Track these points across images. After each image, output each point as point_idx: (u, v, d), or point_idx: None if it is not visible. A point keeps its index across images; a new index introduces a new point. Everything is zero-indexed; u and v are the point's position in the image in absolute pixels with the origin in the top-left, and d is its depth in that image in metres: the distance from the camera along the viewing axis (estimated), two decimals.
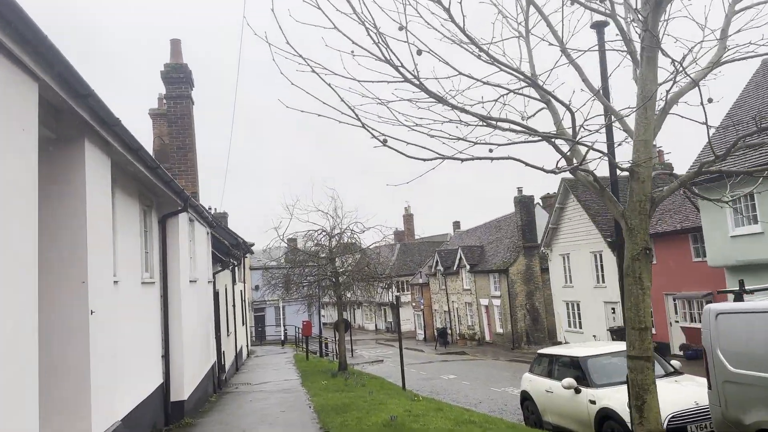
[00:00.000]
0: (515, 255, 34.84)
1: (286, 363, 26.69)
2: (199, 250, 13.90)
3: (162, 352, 10.80)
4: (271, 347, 39.83)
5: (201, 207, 13.41)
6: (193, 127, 14.90)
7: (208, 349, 15.17)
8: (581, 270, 28.09)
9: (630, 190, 5.33)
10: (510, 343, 34.60)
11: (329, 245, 21.75)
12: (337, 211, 21.66)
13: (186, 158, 14.55)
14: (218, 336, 18.22)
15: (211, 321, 15.95)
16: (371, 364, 31.19)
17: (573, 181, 28.14)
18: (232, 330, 23.20)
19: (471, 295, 39.83)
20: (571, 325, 29.44)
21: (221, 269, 17.35)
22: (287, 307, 47.88)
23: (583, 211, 27.23)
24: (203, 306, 14.42)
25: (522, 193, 35.50)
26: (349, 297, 23.31)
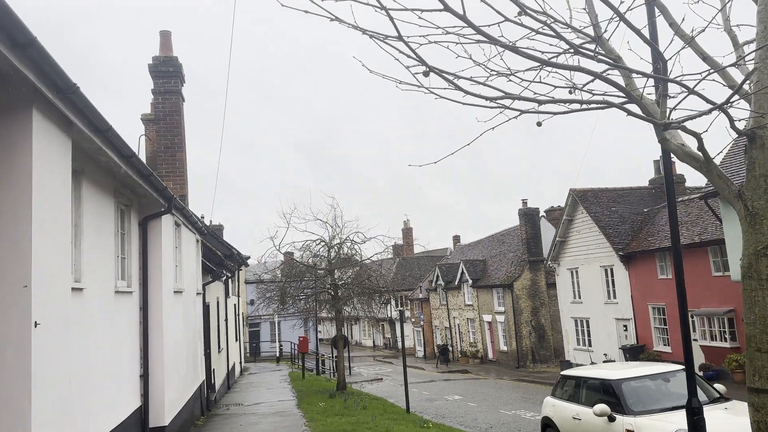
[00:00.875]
0: (520, 269, 33.62)
1: (281, 381, 25.34)
2: (186, 258, 12.69)
3: (140, 372, 9.56)
4: (266, 364, 38.41)
5: (189, 211, 12.22)
6: (182, 126, 13.76)
7: (196, 367, 13.89)
8: (591, 285, 26.89)
9: (749, 163, 3.95)
10: (515, 361, 33.25)
11: (328, 256, 20.54)
12: (337, 221, 20.50)
13: (174, 159, 13.39)
14: (208, 352, 16.94)
15: (199, 336, 14.69)
16: (370, 383, 29.81)
17: (582, 192, 27.07)
18: (224, 346, 21.88)
19: (473, 310, 38.54)
20: (579, 343, 28.16)
21: (212, 280, 16.11)
22: (283, 322, 46.51)
23: (593, 223, 26.09)
24: (190, 320, 13.18)
25: (527, 205, 34.38)
26: (348, 311, 22.03)
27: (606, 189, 27.49)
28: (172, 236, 10.93)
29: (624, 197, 27.24)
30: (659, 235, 23.20)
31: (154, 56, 13.54)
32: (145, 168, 7.99)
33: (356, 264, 21.16)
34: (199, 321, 14.67)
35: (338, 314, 20.55)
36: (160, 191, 9.20)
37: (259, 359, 44.04)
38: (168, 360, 10.14)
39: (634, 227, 25.58)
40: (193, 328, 13.52)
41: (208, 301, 17.38)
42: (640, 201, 27.15)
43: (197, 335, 14.24)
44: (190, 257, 13.35)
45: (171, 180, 13.32)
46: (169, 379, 10.16)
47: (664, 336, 22.98)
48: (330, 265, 20.42)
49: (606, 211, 26.27)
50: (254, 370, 33.45)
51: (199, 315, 14.71)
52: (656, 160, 28.59)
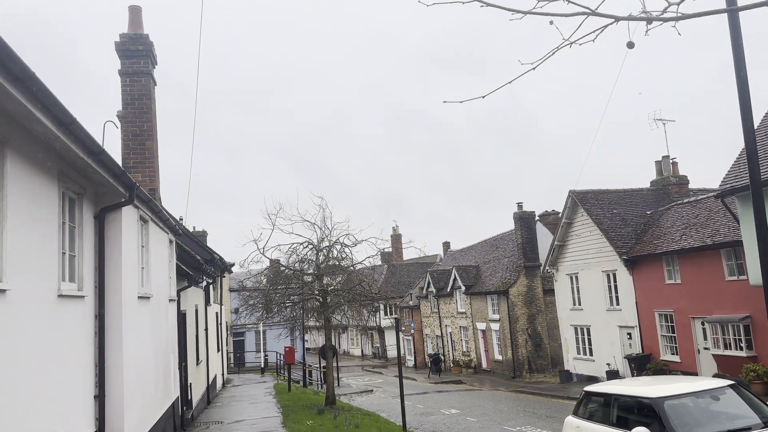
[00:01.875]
0: (516, 275, 32.31)
1: (266, 395, 23.77)
2: (156, 260, 11.19)
3: (95, 392, 8.06)
4: (250, 375, 36.72)
5: (159, 206, 10.74)
6: (153, 112, 12.28)
7: (168, 382, 12.36)
8: (592, 291, 25.62)
9: None
10: (510, 371, 31.88)
11: (316, 260, 19.08)
12: (326, 222, 19.05)
13: (144, 148, 11.91)
14: (184, 365, 15.39)
15: (172, 347, 13.16)
16: (360, 395, 28.28)
17: (582, 193, 25.87)
18: (204, 357, 20.31)
19: (466, 318, 37.16)
20: (580, 351, 26.86)
21: (188, 286, 14.59)
22: (268, 331, 44.77)
23: (594, 226, 24.86)
24: (161, 329, 11.66)
25: (522, 208, 33.13)
26: (338, 320, 20.54)
27: (606, 191, 26.30)
28: (136, 233, 9.45)
29: (625, 199, 26.07)
30: (666, 238, 22.00)
31: (122, 33, 12.09)
32: (94, 143, 6.54)
33: (346, 270, 19.70)
34: (172, 331, 13.16)
35: (327, 322, 19.07)
36: (118, 176, 7.74)
37: (243, 370, 42.30)
38: (129, 377, 8.64)
39: (637, 230, 24.38)
40: (164, 338, 12.00)
41: (184, 309, 15.86)
42: (642, 203, 25.99)
43: (170, 347, 12.71)
44: (160, 259, 11.86)
45: (139, 172, 11.84)
46: (130, 399, 8.66)
47: (672, 344, 21.72)
48: (318, 270, 18.95)
49: (607, 213, 25.06)
50: (238, 381, 31.80)
51: (172, 324, 13.20)
52: (658, 161, 27.49)
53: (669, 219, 23.16)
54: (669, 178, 26.68)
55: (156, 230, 11.24)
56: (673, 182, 26.54)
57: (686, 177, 26.83)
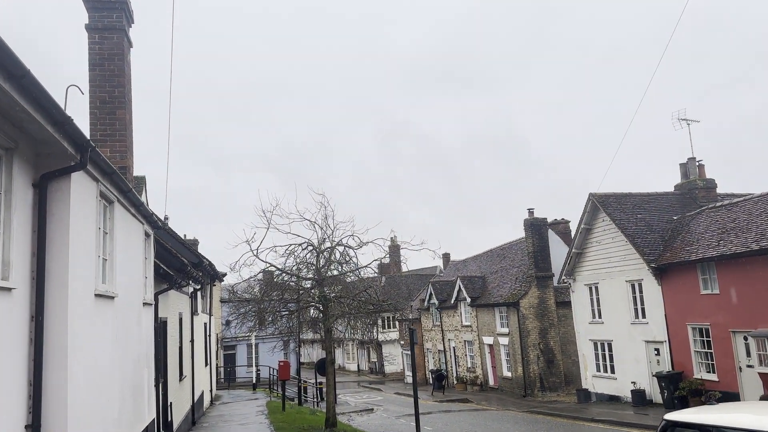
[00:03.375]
0: (526, 286, 30.24)
1: (258, 414, 21.52)
2: (125, 252, 9.10)
3: (27, 420, 5.94)
4: (241, 391, 34.36)
5: (128, 185, 8.64)
6: (127, 77, 10.24)
7: (139, 403, 10.20)
8: (614, 303, 23.58)
9: None
10: (520, 389, 29.70)
11: (317, 264, 16.98)
12: (328, 221, 16.98)
13: (114, 118, 9.85)
14: (163, 382, 13.23)
15: (147, 361, 11.01)
16: (360, 415, 26.04)
17: (603, 197, 23.92)
18: (188, 372, 18.11)
19: (472, 332, 35.00)
20: (600, 369, 24.74)
21: (167, 288, 12.45)
22: (261, 344, 42.54)
23: (617, 231, 22.88)
24: (131, 338, 9.53)
25: (533, 215, 31.15)
26: (341, 331, 18.41)
27: (630, 194, 24.36)
28: (94, 212, 7.37)
29: (650, 203, 24.13)
30: (700, 244, 20.03)
31: None
32: (17, 65, 4.49)
33: (351, 274, 17.60)
34: (147, 340, 11.02)
35: (328, 334, 16.93)
36: (60, 125, 5.68)
37: (234, 385, 39.89)
38: (78, 399, 6.52)
39: (665, 236, 22.42)
40: (135, 349, 9.86)
41: (165, 317, 13.71)
42: (667, 207, 24.06)
43: (143, 360, 10.57)
44: (132, 253, 9.76)
45: (108, 146, 9.77)
46: (79, 428, 6.53)
47: (708, 361, 19.67)
48: (319, 275, 16.84)
49: (631, 218, 23.10)
50: (227, 398, 29.48)
51: (147, 332, 11.06)
52: (682, 164, 25.61)
53: (701, 224, 21.21)
54: (695, 181, 24.78)
55: (125, 216, 9.15)
56: (700, 186, 24.63)
57: (714, 180, 24.94)
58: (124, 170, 9.70)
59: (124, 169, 9.68)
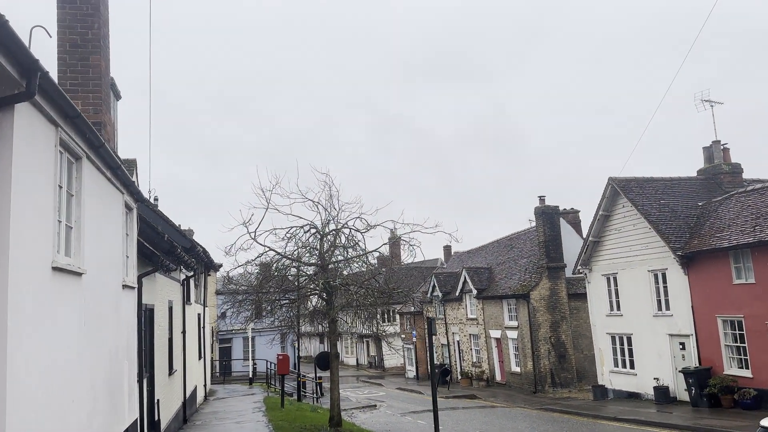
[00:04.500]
0: (537, 277, 28.81)
1: (254, 411, 20.05)
2: (97, 221, 7.60)
3: None
4: (237, 386, 32.89)
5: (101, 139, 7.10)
6: (104, 17, 8.70)
7: (117, 402, 8.71)
8: (634, 294, 22.16)
9: None
10: (530, 384, 28.31)
11: (320, 248, 15.49)
12: (333, 201, 15.47)
13: (87, 64, 8.32)
14: (149, 376, 11.75)
15: (128, 353, 9.51)
16: (362, 411, 24.62)
17: (624, 181, 22.47)
18: (179, 366, 16.62)
19: (477, 325, 33.59)
20: (618, 364, 23.34)
21: (153, 270, 10.92)
22: (258, 337, 41.03)
23: (639, 218, 21.44)
24: (105, 325, 8.03)
25: (545, 202, 29.69)
26: (348, 322, 16.93)
27: (652, 179, 22.91)
28: (52, 164, 5.84)
29: (673, 188, 22.68)
30: (732, 230, 18.61)
31: None
32: None
33: (357, 260, 16.09)
34: (127, 329, 9.52)
35: (333, 325, 15.44)
36: None
37: (229, 380, 38.41)
38: (24, 399, 5.03)
39: (690, 223, 20.99)
40: (111, 339, 8.36)
41: (151, 304, 12.21)
42: (691, 193, 22.63)
43: (122, 351, 9.07)
44: (108, 226, 8.25)
45: (79, 97, 8.25)
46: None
47: (740, 356, 18.27)
48: (323, 260, 15.34)
49: (654, 203, 21.65)
50: (223, 393, 28.01)
51: (128, 320, 9.56)
52: (706, 147, 24.18)
53: (731, 209, 19.79)
54: (720, 165, 23.34)
55: (98, 179, 7.63)
56: (725, 170, 23.20)
57: (739, 165, 23.53)
58: (99, 126, 8.18)
59: (98, 125, 8.16)
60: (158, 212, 17.67)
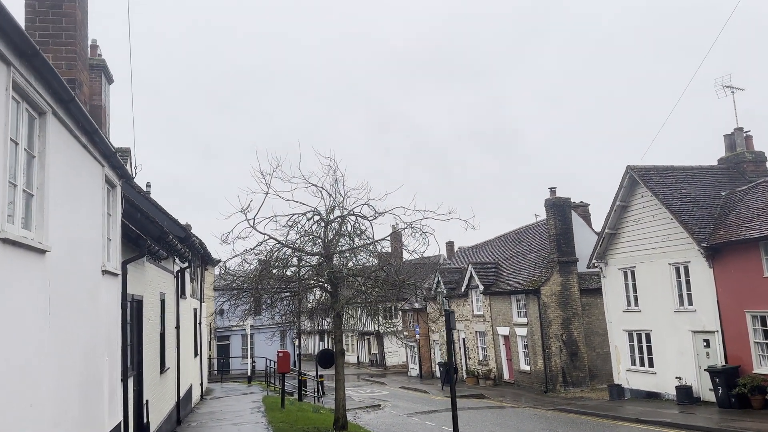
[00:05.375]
0: (548, 272, 27.68)
1: (253, 411, 18.94)
2: (69, 195, 6.46)
3: None
4: (235, 385, 31.76)
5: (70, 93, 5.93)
6: None
7: (95, 404, 7.57)
8: (654, 288, 21.03)
9: None
10: (541, 384, 27.19)
11: (324, 237, 14.34)
12: (338, 186, 14.32)
13: (60, 12, 7.16)
14: (136, 375, 10.62)
15: (109, 348, 8.36)
16: (366, 411, 23.50)
17: (643, 170, 21.32)
18: (173, 364, 15.47)
19: (484, 322, 32.46)
20: (636, 362, 22.21)
21: (139, 256, 9.75)
22: (257, 334, 39.91)
23: (660, 208, 20.30)
24: (78, 315, 6.88)
25: (556, 194, 28.55)
26: (354, 316, 15.78)
27: (672, 167, 21.76)
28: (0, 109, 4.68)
29: (694, 177, 21.54)
30: (763, 220, 17.46)
31: None
32: None
33: (363, 250, 14.96)
34: (109, 321, 8.37)
35: (338, 319, 14.29)
36: None
37: (227, 378, 37.27)
38: None
39: (713, 213, 19.86)
40: (87, 332, 7.22)
41: (139, 294, 11.06)
42: (713, 182, 21.50)
43: (101, 346, 7.92)
44: (84, 200, 7.11)
45: (50, 51, 7.09)
46: None
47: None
48: (327, 250, 14.18)
49: (676, 193, 20.52)
50: (220, 392, 26.89)
51: (110, 311, 8.41)
52: (728, 135, 23.05)
53: (759, 199, 18.66)
54: (743, 154, 22.22)
55: (70, 143, 6.48)
56: (748, 159, 22.09)
57: (763, 153, 22.42)
58: (72, 84, 7.03)
59: (72, 83, 7.01)
60: (150, 199, 16.52)
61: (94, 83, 16.72)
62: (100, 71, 16.25)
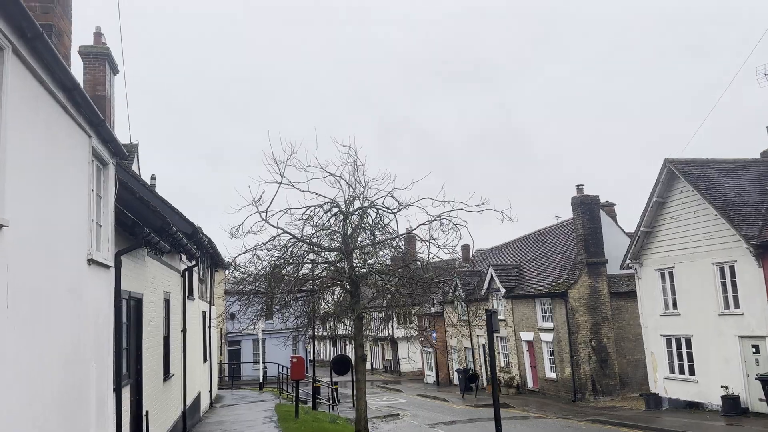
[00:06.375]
0: (575, 274, 26.22)
1: (266, 421, 17.64)
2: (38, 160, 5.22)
3: None
4: (246, 391, 30.49)
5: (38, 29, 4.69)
6: None
7: (78, 419, 6.31)
8: (695, 290, 19.55)
9: None
10: (568, 392, 25.71)
11: (344, 230, 13.05)
12: (357, 174, 13.05)
13: None
14: (130, 383, 9.37)
15: (97, 352, 7.11)
16: (385, 421, 22.12)
17: (683, 163, 19.89)
18: (178, 370, 14.22)
19: (506, 327, 31.00)
20: (675, 370, 20.69)
21: (133, 247, 8.49)
22: (268, 339, 38.62)
23: (702, 203, 18.85)
24: (54, 313, 5.62)
25: (583, 192, 27.09)
26: (377, 318, 14.48)
27: (713, 160, 20.32)
28: None
29: (737, 171, 20.08)
30: None
31: None
32: None
33: (384, 246, 13.67)
34: (98, 321, 7.12)
35: (359, 321, 12.98)
36: None
37: (238, 384, 36.02)
38: None
39: (761, 209, 18.38)
40: (66, 333, 5.96)
41: (138, 292, 9.83)
42: (757, 176, 20.03)
43: (87, 350, 6.66)
44: (60, 170, 5.88)
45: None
46: None
47: None
48: (346, 245, 12.89)
49: (719, 188, 19.06)
50: (230, 400, 25.64)
51: (98, 309, 7.16)
52: None
53: None
54: None
55: (41, 97, 5.24)
56: None
57: None
58: (49, 31, 5.80)
59: (48, 29, 5.77)
60: (154, 192, 15.34)
61: (98, 72, 15.58)
62: (104, 60, 15.11)
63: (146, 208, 9.51)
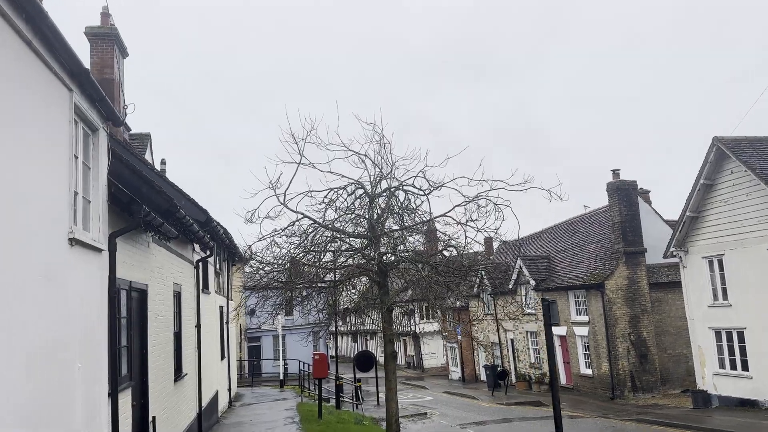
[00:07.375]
0: (612, 264, 24.72)
1: (287, 422, 16.51)
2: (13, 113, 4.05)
3: None
4: (267, 389, 29.46)
5: None
6: None
7: (58, 429, 5.16)
8: (748, 279, 18.02)
9: None
10: (606, 389, 24.27)
11: (370, 214, 11.82)
12: (384, 153, 11.79)
13: None
14: (132, 385, 8.24)
15: (86, 352, 5.95)
16: (413, 421, 20.92)
17: (734, 141, 18.34)
18: (192, 369, 13.10)
19: (537, 321, 29.59)
20: (725, 365, 19.18)
21: (131, 227, 7.30)
22: (288, 335, 37.59)
23: (757, 184, 17.30)
24: (27, 306, 4.46)
25: (619, 177, 25.53)
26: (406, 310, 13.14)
27: (765, 138, 18.73)
28: None
29: None
30: None
31: None
32: None
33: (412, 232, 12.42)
34: (86, 314, 5.96)
35: (388, 315, 11.76)
36: None
37: (259, 381, 35.02)
38: None
39: None
40: (42, 329, 4.80)
41: (142, 283, 8.68)
42: None
43: (72, 349, 5.51)
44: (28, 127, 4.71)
45: None
46: None
47: None
48: (373, 232, 11.65)
49: None
50: (250, 398, 24.60)
51: (86, 299, 6.01)
52: None
53: None
54: None
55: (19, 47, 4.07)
56: None
57: None
58: None
59: None
60: (164, 177, 14.25)
61: (106, 54, 14.47)
62: (112, 41, 14.02)
63: (148, 186, 8.34)
